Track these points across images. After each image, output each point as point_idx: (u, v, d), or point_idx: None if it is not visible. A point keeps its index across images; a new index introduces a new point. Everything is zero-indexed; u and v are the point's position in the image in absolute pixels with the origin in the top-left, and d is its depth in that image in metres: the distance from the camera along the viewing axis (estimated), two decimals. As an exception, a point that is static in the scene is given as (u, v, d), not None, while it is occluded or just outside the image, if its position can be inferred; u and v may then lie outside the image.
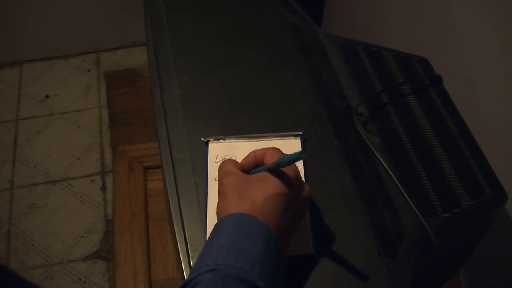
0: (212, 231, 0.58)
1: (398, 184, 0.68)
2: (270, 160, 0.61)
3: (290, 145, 0.73)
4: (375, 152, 0.72)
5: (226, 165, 0.62)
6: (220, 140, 0.74)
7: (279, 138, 0.74)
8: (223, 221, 0.57)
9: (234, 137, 0.74)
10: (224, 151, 0.73)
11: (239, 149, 0.73)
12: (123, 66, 2.03)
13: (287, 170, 0.59)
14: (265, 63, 0.85)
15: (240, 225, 0.56)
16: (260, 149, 0.63)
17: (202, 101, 0.80)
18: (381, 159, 0.71)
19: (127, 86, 1.97)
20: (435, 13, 1.07)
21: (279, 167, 0.58)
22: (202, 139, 0.74)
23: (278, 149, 0.62)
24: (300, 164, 0.69)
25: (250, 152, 0.64)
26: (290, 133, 0.74)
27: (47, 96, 1.95)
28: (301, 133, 0.74)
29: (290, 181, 0.59)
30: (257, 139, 0.74)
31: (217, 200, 0.65)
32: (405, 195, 0.67)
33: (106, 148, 1.81)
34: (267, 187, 0.58)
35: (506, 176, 0.76)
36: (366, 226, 0.67)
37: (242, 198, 0.58)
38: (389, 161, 0.72)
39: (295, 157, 0.56)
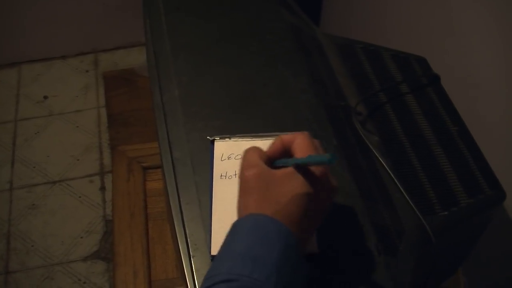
0: (229, 232, 0.54)
1: (396, 182, 0.68)
2: (298, 149, 0.56)
3: None
4: (374, 151, 0.72)
5: (250, 155, 0.58)
6: (226, 139, 0.74)
7: None
8: (241, 223, 0.54)
9: (239, 136, 0.74)
10: (230, 149, 0.73)
11: (245, 148, 0.73)
12: (122, 67, 2.03)
13: (316, 168, 0.55)
14: (264, 62, 0.86)
15: (258, 229, 0.52)
16: (287, 135, 0.58)
17: (202, 100, 0.81)
18: (380, 158, 0.71)
19: (125, 86, 1.97)
20: (433, 12, 1.08)
21: (308, 165, 0.55)
22: (208, 137, 0.74)
23: (308, 136, 0.57)
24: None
25: (276, 138, 0.58)
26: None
27: (45, 97, 1.95)
28: (306, 132, 0.74)
29: (318, 181, 0.55)
30: (263, 138, 0.74)
31: (222, 198, 0.65)
32: (404, 193, 0.67)
33: (105, 149, 1.81)
34: (293, 187, 0.54)
35: (505, 175, 0.76)
36: (366, 225, 0.67)
37: (266, 197, 0.54)
38: (387, 159, 0.72)
39: (324, 161, 0.52)
